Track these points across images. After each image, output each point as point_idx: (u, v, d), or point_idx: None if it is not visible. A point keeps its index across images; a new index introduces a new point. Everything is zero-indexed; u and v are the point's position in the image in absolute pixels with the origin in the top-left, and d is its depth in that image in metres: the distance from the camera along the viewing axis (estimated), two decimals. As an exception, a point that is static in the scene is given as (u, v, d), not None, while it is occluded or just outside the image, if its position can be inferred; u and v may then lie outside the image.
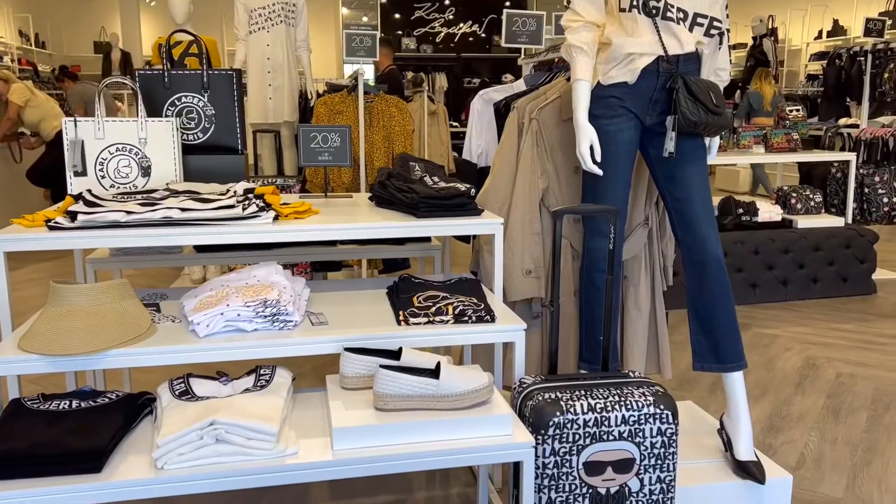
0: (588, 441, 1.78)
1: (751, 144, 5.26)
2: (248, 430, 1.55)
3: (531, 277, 2.44)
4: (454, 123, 8.70)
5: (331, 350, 1.83)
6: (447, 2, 11.56)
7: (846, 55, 6.71)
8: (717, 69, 2.26)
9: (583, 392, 1.83)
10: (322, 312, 1.99)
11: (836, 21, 10.10)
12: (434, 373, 1.71)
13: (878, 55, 6.06)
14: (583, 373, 2.31)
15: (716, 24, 2.16)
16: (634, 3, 2.11)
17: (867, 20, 5.82)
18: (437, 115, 5.76)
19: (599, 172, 2.17)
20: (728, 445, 2.23)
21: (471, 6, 11.59)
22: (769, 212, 4.91)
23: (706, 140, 2.28)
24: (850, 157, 5.32)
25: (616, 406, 1.79)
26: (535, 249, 2.45)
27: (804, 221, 4.90)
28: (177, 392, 1.71)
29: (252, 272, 1.96)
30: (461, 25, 11.67)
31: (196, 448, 1.53)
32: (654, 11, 2.10)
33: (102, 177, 2.19)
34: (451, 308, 1.94)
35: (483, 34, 11.71)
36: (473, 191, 2.13)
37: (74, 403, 1.69)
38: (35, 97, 6.40)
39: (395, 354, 1.79)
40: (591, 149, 2.15)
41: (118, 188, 2.20)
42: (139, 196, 1.96)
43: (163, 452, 1.51)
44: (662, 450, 1.83)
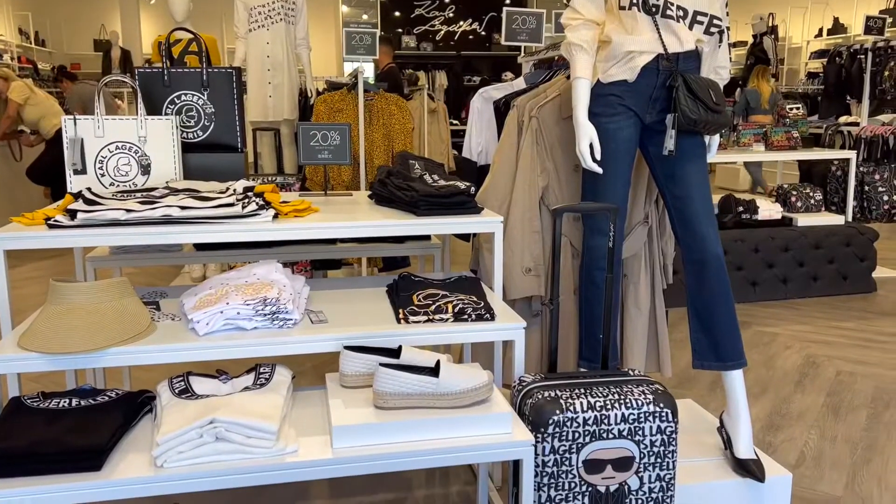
0: (588, 439, 1.78)
1: (751, 142, 5.26)
2: (248, 429, 1.55)
3: (531, 276, 2.44)
4: (454, 121, 8.70)
5: (330, 348, 1.83)
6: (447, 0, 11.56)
7: (846, 53, 6.70)
8: (717, 67, 2.26)
9: (582, 390, 1.83)
10: (322, 311, 1.99)
11: (837, 19, 10.10)
12: (434, 371, 1.71)
13: (879, 53, 6.05)
14: (582, 371, 2.31)
15: (716, 22, 2.16)
16: (634, 1, 2.11)
17: (867, 18, 5.83)
18: (437, 113, 5.76)
19: (599, 170, 2.17)
20: (728, 443, 2.23)
21: (471, 4, 11.59)
22: (769, 210, 4.91)
23: (706, 138, 2.28)
24: (851, 155, 5.32)
25: (616, 404, 1.79)
26: (535, 247, 2.45)
27: (804, 219, 4.90)
28: (176, 390, 1.71)
29: (252, 270, 1.96)
30: (461, 23, 11.67)
31: (196, 446, 1.53)
32: (654, 9, 2.10)
33: (102, 175, 2.19)
34: (451, 306, 1.94)
35: (483, 32, 11.71)
36: (473, 189, 2.12)
37: (74, 402, 1.68)
38: (35, 95, 6.39)
39: (395, 353, 1.79)
40: (591, 147, 2.15)
41: (118, 186, 2.20)
42: (139, 194, 1.96)
43: (162, 450, 1.51)
44: (662, 448, 1.83)
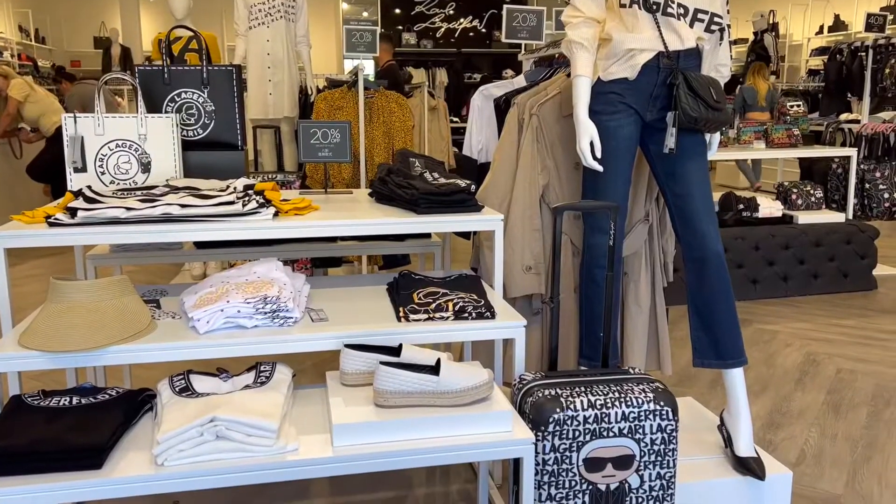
0: (588, 437, 1.78)
1: (751, 140, 5.25)
2: (249, 427, 1.55)
3: (531, 274, 2.44)
4: (454, 119, 8.69)
5: (331, 346, 1.83)
6: (447, -3, 11.56)
7: (847, 50, 6.69)
8: (718, 65, 2.25)
9: (583, 388, 1.83)
10: (322, 309, 1.99)
11: (838, 16, 10.08)
12: (434, 369, 1.71)
13: (880, 50, 6.05)
14: (583, 369, 2.32)
15: (716, 20, 2.15)
16: (635, -1, 2.11)
17: (868, 15, 5.82)
18: (438, 111, 5.75)
19: (600, 168, 2.17)
20: (728, 442, 2.23)
21: (471, 1, 11.58)
22: (770, 207, 4.91)
23: (707, 136, 2.28)
24: (851, 153, 5.32)
25: (616, 402, 1.79)
26: (536, 246, 2.45)
27: (805, 217, 4.89)
28: (177, 388, 1.71)
29: (252, 268, 1.96)
30: (461, 21, 11.65)
31: (196, 444, 1.53)
32: (655, 7, 2.10)
33: (102, 173, 2.18)
34: (452, 304, 1.94)
35: (483, 29, 11.70)
36: (473, 187, 2.12)
37: (75, 400, 1.68)
38: (35, 93, 6.39)
39: (396, 351, 1.79)
40: (592, 145, 2.15)
41: (118, 184, 2.20)
42: (139, 192, 1.95)
43: (163, 449, 1.51)
44: (662, 446, 1.83)
